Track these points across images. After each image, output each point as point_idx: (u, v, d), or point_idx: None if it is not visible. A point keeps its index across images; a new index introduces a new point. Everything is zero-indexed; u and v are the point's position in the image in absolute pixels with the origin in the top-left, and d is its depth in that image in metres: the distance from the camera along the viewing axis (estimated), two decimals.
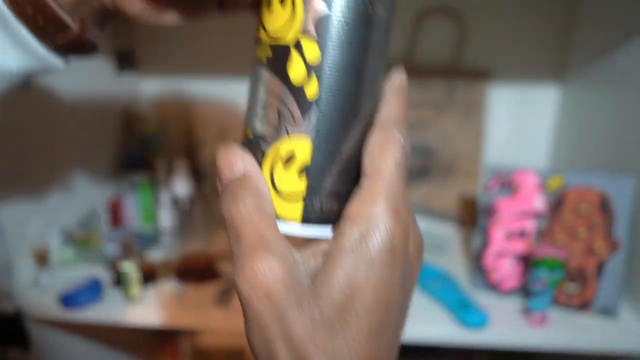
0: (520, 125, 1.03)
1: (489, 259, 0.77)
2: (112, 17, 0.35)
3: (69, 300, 0.74)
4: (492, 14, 0.97)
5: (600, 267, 0.71)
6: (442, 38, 1.01)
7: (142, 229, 0.98)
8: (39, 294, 0.77)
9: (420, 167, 1.04)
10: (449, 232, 0.98)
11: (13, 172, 0.75)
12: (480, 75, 1.00)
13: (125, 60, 1.04)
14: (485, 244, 0.78)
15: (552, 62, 0.99)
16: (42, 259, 0.78)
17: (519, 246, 0.75)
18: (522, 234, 0.76)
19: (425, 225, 0.98)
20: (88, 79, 0.92)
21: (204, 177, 1.02)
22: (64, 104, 0.86)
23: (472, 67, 1.01)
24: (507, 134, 1.04)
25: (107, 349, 0.99)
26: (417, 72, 1.02)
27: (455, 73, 1.01)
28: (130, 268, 0.74)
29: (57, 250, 0.84)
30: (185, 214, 0.90)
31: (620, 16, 0.79)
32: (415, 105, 1.03)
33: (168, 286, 0.79)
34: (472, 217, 1.00)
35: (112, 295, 0.77)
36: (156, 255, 0.88)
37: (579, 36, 0.93)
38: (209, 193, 0.98)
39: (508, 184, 0.76)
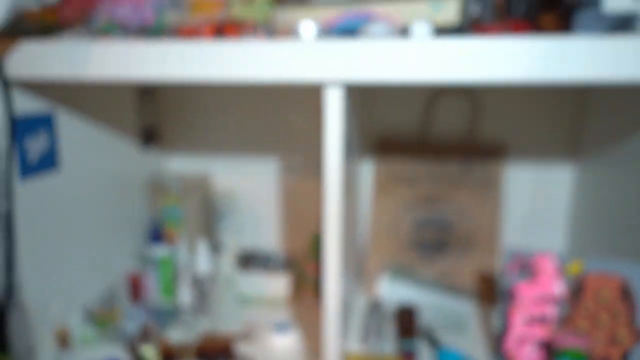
0: (537, 202, 1.04)
1: (510, 345, 0.76)
2: None
3: None
4: (505, 91, 1.00)
5: (625, 357, 0.70)
6: (457, 114, 1.03)
7: (161, 303, 0.99)
8: None
9: (438, 241, 1.04)
10: (468, 308, 0.97)
11: (36, 250, 0.77)
12: (495, 151, 1.02)
13: (150, 136, 1.08)
14: (505, 328, 0.77)
15: (566, 141, 1.00)
16: (63, 339, 0.78)
17: (540, 332, 0.75)
18: (543, 320, 0.75)
19: (444, 301, 0.98)
20: (113, 154, 0.95)
21: (222, 251, 1.03)
22: (89, 181, 0.89)
23: (488, 143, 1.03)
24: (524, 211, 1.04)
25: None
26: (432, 147, 1.04)
27: (471, 149, 1.03)
28: (149, 352, 0.74)
29: (78, 328, 0.85)
30: (205, 290, 0.91)
31: (631, 106, 0.80)
32: (432, 179, 1.04)
33: None
34: (491, 293, 0.99)
35: None
36: (175, 333, 0.89)
37: (592, 120, 0.94)
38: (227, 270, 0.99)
39: (527, 267, 0.76)
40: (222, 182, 1.14)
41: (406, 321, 0.87)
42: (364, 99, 0.94)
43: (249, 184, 1.13)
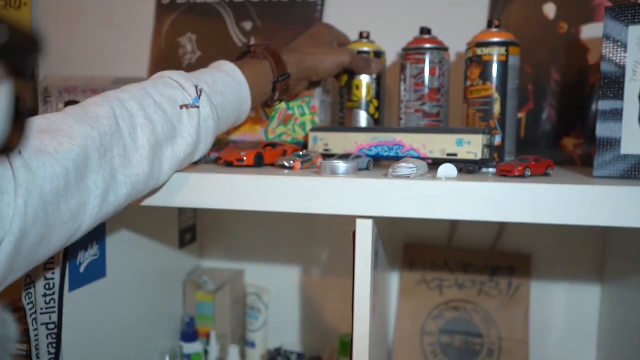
0: (566, 315, 1.04)
1: None
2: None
3: None
4: None
5: None
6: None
7: None
8: None
9: (467, 349, 1.04)
10: None
11: (79, 353, 0.81)
12: (522, 260, 1.03)
13: (188, 235, 1.14)
14: None
15: (592, 260, 1.02)
16: None
17: None
18: None
19: None
20: (153, 254, 1.01)
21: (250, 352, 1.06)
22: (131, 283, 0.94)
23: (514, 252, 1.05)
24: (554, 323, 1.04)
25: None
26: (459, 252, 1.06)
27: (497, 256, 1.05)
28: None
29: None
30: None
31: None
32: (459, 284, 1.06)
33: None
34: None
35: None
36: None
37: (613, 249, 0.96)
38: None
39: None
40: (254, 279, 1.18)
41: None
42: None
43: (279, 282, 1.17)
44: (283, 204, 0.66)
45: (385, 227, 0.85)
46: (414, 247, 1.09)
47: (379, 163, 0.81)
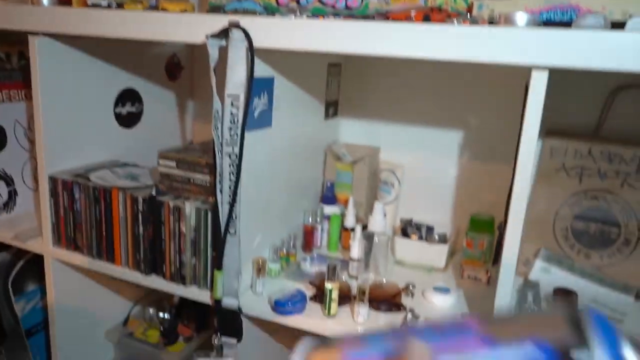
0: None
1: None
2: None
3: (279, 305, 0.88)
4: None
5: None
6: (635, 110, 1.03)
7: (327, 254, 1.12)
8: (254, 296, 0.94)
9: (599, 237, 1.05)
10: (627, 303, 0.98)
11: (249, 191, 0.92)
12: None
13: (332, 108, 1.21)
14: None
15: None
16: (260, 268, 0.94)
17: None
18: None
19: (599, 291, 0.99)
20: (305, 121, 1.09)
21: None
22: (288, 142, 1.03)
23: None
24: None
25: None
26: (606, 141, 1.04)
27: None
28: (333, 287, 0.86)
29: (269, 262, 1.00)
30: (372, 247, 1.01)
31: None
32: (602, 174, 1.05)
33: (360, 309, 0.90)
34: None
35: (313, 309, 0.91)
36: (346, 280, 1.01)
37: None
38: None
39: None
40: (391, 154, 1.24)
41: (565, 301, 0.91)
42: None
43: (417, 159, 1.22)
44: (447, 51, 0.69)
45: None
46: (556, 134, 1.08)
47: None
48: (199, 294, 0.96)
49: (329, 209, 1.17)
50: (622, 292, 1.00)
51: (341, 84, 1.26)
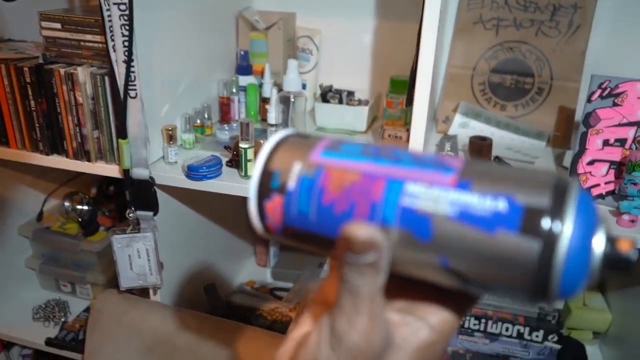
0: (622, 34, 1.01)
1: (583, 166, 0.80)
2: None
3: (193, 169, 0.84)
4: None
5: None
6: None
7: None
8: (166, 166, 0.89)
9: (517, 88, 1.05)
10: (539, 147, 1.01)
11: (151, 60, 0.84)
12: None
13: None
14: (581, 152, 0.80)
15: None
16: (170, 136, 0.88)
17: (617, 154, 0.78)
18: (621, 143, 0.78)
19: (514, 138, 1.01)
20: None
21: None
22: (191, 12, 0.94)
23: None
24: (607, 45, 1.02)
25: (218, 224, 1.13)
26: None
27: None
28: (248, 147, 0.82)
29: (181, 132, 0.94)
30: (291, 109, 0.97)
31: None
32: (517, 24, 1.04)
33: None
34: (566, 138, 1.02)
35: (229, 172, 0.87)
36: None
37: None
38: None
39: (611, 94, 0.78)
40: (306, 20, 1.17)
41: (480, 148, 0.92)
42: None
43: (332, 24, 1.16)
44: None
45: None
46: None
47: None
48: (108, 169, 0.90)
49: (245, 80, 1.10)
50: (535, 139, 1.03)
51: None
